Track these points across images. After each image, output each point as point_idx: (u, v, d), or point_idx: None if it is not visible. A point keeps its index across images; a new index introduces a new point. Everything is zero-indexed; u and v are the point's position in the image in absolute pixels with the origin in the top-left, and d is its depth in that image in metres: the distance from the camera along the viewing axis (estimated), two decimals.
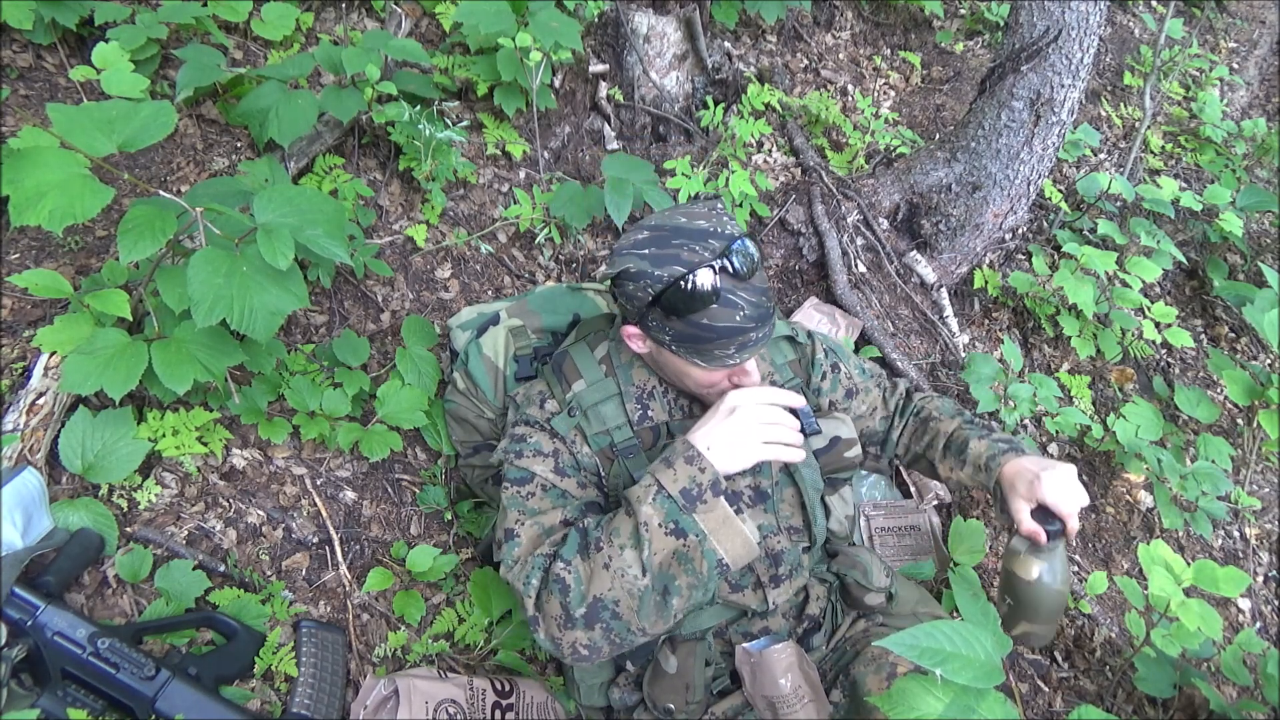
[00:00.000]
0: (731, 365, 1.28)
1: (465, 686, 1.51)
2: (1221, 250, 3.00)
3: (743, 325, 1.23)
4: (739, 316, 1.22)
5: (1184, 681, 1.74)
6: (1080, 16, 2.19)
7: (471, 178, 2.25)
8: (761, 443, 1.22)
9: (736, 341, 1.25)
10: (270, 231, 1.34)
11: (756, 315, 1.24)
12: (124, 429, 1.48)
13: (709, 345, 1.25)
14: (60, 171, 1.26)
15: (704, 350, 1.26)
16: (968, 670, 0.98)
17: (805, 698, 1.35)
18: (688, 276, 1.20)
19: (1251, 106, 3.87)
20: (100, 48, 1.74)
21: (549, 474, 1.35)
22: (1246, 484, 2.46)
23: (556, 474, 1.35)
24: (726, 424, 1.22)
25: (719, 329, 1.23)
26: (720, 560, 1.19)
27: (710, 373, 1.30)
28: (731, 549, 1.20)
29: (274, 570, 1.59)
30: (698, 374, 1.31)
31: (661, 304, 1.24)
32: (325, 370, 1.80)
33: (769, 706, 1.36)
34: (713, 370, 1.29)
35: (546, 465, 1.36)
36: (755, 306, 1.23)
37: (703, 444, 1.22)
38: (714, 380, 1.32)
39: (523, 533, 1.30)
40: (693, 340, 1.25)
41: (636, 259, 1.24)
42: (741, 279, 1.22)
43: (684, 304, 1.21)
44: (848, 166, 2.76)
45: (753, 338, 1.26)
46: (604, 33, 2.62)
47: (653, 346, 1.34)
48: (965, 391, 2.31)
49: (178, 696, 1.27)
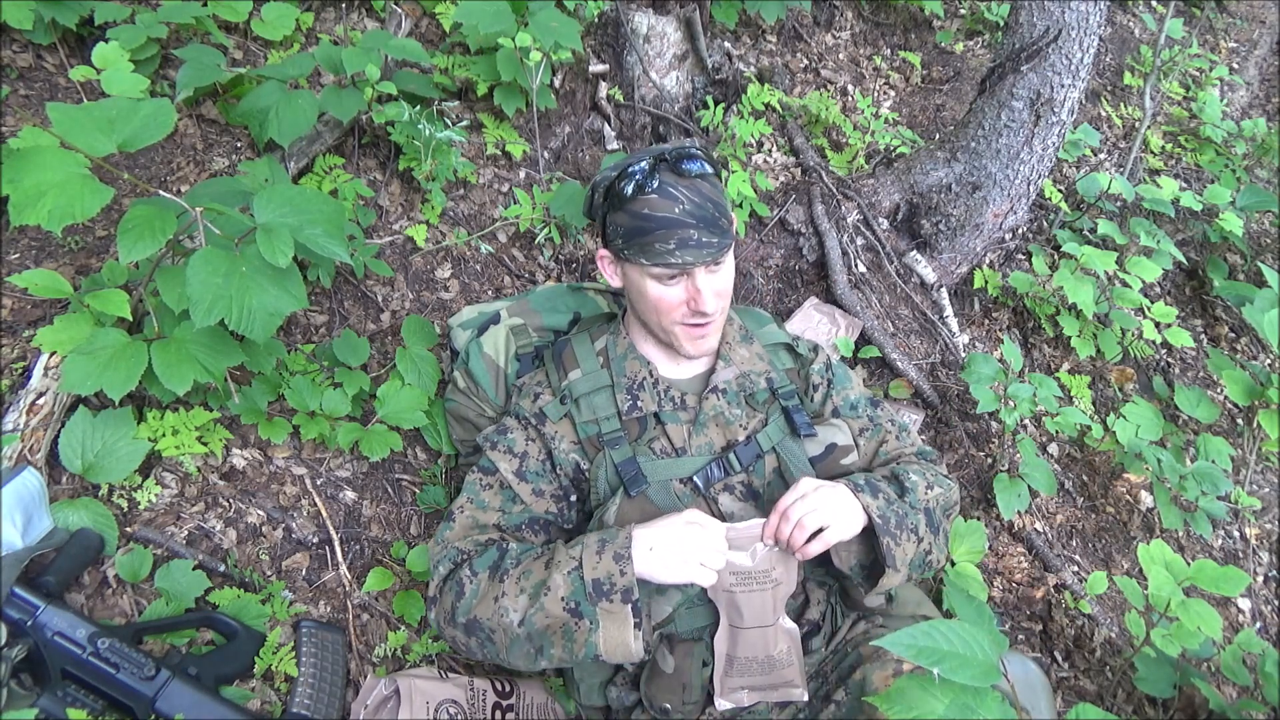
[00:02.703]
0: (675, 265, 1.32)
1: (466, 687, 1.51)
2: (1221, 250, 3.00)
3: (681, 218, 1.29)
4: (678, 209, 1.29)
5: (1184, 681, 1.74)
6: (1080, 16, 2.19)
7: (471, 178, 2.25)
8: (697, 564, 1.25)
9: (676, 235, 1.30)
10: (270, 231, 1.34)
11: (697, 214, 1.29)
12: (124, 429, 1.48)
13: (650, 238, 1.31)
14: (60, 171, 1.27)
15: (647, 246, 1.31)
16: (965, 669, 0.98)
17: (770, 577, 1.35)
18: (627, 169, 1.31)
19: (1251, 106, 3.87)
20: (100, 48, 1.74)
21: (509, 474, 1.43)
22: (1246, 484, 2.46)
23: (516, 476, 1.43)
24: (677, 535, 1.26)
25: (657, 219, 1.30)
26: (598, 655, 1.23)
27: (663, 287, 1.35)
28: (611, 649, 1.22)
29: (274, 570, 1.59)
30: (653, 292, 1.36)
31: (610, 198, 1.35)
32: (325, 370, 1.80)
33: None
34: (664, 282, 1.35)
35: (511, 465, 1.44)
36: (697, 206, 1.29)
37: (645, 543, 1.25)
38: (670, 303, 1.36)
39: (459, 519, 1.42)
40: (637, 234, 1.32)
41: (601, 174, 1.38)
42: (682, 175, 1.30)
43: (623, 192, 1.31)
44: (848, 166, 2.76)
45: (693, 235, 1.30)
46: (604, 33, 2.62)
47: (620, 271, 1.41)
48: (965, 391, 2.31)
49: (178, 696, 1.27)
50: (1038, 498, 2.32)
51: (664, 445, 1.45)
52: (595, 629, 1.22)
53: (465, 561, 1.35)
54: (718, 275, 1.37)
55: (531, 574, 1.28)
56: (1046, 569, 2.18)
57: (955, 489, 1.52)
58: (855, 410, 1.56)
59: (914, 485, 1.41)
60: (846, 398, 1.56)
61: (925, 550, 1.38)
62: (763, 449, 1.45)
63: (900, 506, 1.36)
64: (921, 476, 1.44)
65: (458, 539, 1.39)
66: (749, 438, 1.46)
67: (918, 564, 1.38)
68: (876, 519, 1.31)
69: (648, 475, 1.40)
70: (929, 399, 2.37)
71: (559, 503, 1.45)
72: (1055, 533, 2.30)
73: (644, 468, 1.40)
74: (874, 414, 1.57)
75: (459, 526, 1.41)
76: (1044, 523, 2.30)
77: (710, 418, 1.45)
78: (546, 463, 1.46)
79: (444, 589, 1.35)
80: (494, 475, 1.45)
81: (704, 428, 1.45)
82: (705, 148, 1.37)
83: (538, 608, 1.24)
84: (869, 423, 1.56)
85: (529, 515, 1.43)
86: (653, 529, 1.27)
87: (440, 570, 1.36)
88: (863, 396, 1.59)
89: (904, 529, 1.33)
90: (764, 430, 1.46)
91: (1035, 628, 2.09)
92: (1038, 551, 2.20)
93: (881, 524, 1.31)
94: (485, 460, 1.47)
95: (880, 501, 1.34)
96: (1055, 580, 2.15)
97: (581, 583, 1.23)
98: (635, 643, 1.23)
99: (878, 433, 1.56)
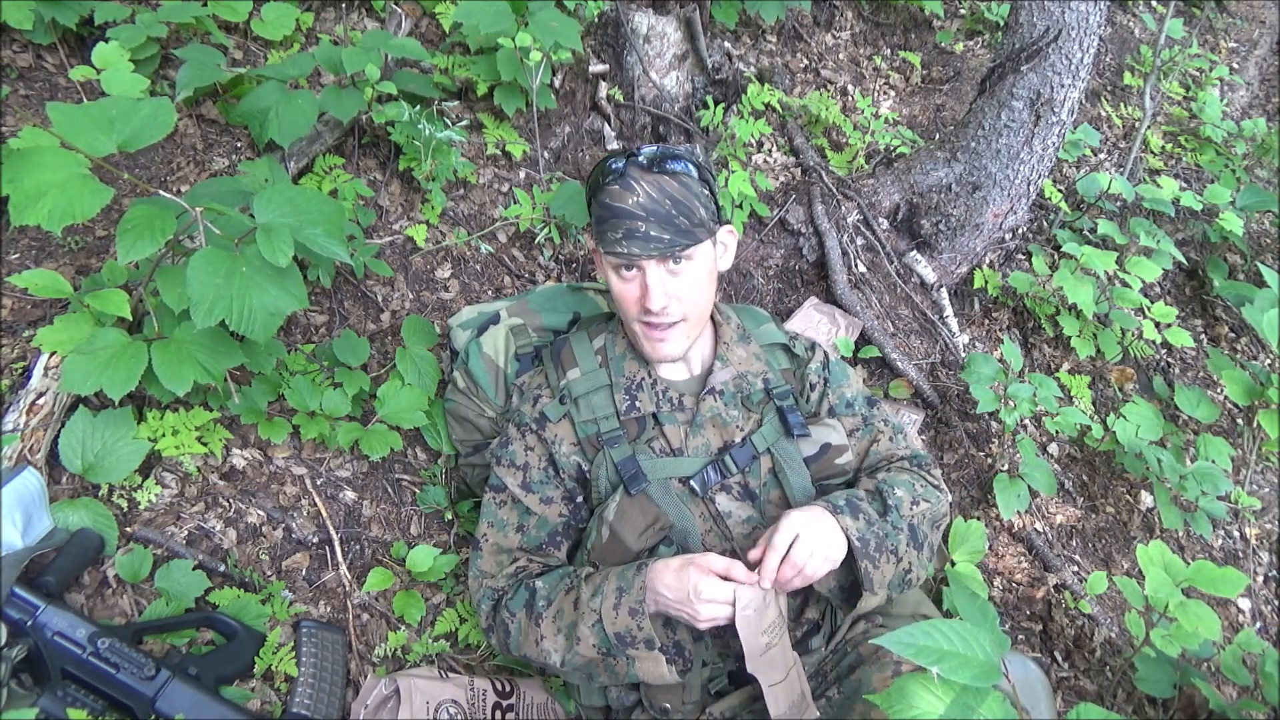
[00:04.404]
0: (621, 255, 1.33)
1: (466, 686, 1.51)
2: (1221, 250, 3.00)
3: (632, 210, 1.30)
4: (630, 200, 1.30)
5: (1184, 681, 1.74)
6: (1080, 16, 2.19)
7: (471, 178, 2.25)
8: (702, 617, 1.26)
9: (624, 225, 1.31)
10: (270, 231, 1.34)
11: (650, 208, 1.30)
12: (124, 429, 1.48)
13: (605, 226, 1.33)
14: (60, 171, 1.26)
15: (603, 234, 1.34)
16: (965, 669, 0.98)
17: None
18: (607, 158, 1.34)
19: (1251, 106, 3.87)
20: (100, 47, 1.74)
21: (516, 489, 1.47)
22: (1246, 484, 2.46)
23: (523, 489, 1.46)
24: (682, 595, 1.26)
25: (613, 208, 1.31)
26: (641, 680, 1.30)
27: (623, 282, 1.37)
28: (649, 677, 1.30)
29: (274, 570, 1.59)
30: (614, 284, 1.39)
31: (589, 187, 1.38)
32: (325, 370, 1.80)
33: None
34: (621, 274, 1.36)
35: (516, 479, 1.47)
36: (654, 201, 1.30)
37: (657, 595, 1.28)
38: (626, 296, 1.38)
39: (485, 548, 1.48)
40: (598, 223, 1.35)
41: None
42: (649, 171, 1.30)
43: (595, 179, 1.35)
44: (848, 166, 2.76)
45: (640, 228, 1.30)
46: (604, 33, 2.62)
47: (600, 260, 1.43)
48: (965, 391, 2.31)
49: (178, 696, 1.27)
50: (1038, 498, 2.32)
51: (662, 445, 1.45)
52: (632, 664, 1.29)
53: (502, 601, 1.43)
54: (677, 278, 1.35)
55: (564, 614, 1.34)
56: (1046, 569, 2.18)
57: (945, 500, 1.50)
58: (850, 408, 1.55)
59: (898, 501, 1.39)
60: (842, 395, 1.56)
61: (905, 570, 1.37)
62: (758, 450, 1.45)
63: (881, 527, 1.35)
64: (908, 490, 1.42)
65: (489, 568, 1.47)
66: (744, 439, 1.46)
67: (896, 584, 1.37)
68: (856, 543, 1.30)
69: (647, 473, 1.40)
70: (929, 399, 2.37)
71: (569, 504, 1.47)
72: (1055, 533, 2.30)
73: (644, 466, 1.40)
74: (869, 413, 1.56)
75: (487, 554, 1.47)
76: (1044, 523, 2.30)
77: (707, 419, 1.45)
78: (549, 469, 1.47)
79: (493, 625, 1.44)
80: (504, 492, 1.48)
81: (701, 429, 1.45)
82: (695, 153, 1.37)
83: (574, 653, 1.31)
84: (862, 422, 1.55)
85: (546, 529, 1.46)
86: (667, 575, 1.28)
87: (484, 607, 1.45)
88: (860, 395, 1.58)
89: (883, 551, 1.33)
90: (759, 431, 1.46)
91: (1035, 628, 2.09)
92: (1038, 551, 2.20)
93: (860, 547, 1.30)
94: (494, 478, 1.50)
95: (860, 523, 1.33)
96: (1055, 580, 2.15)
97: (605, 635, 1.28)
98: (670, 674, 1.29)
99: (869, 432, 1.55)
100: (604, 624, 1.28)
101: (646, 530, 1.36)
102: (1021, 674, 1.71)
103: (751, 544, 1.42)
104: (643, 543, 1.36)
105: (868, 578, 1.31)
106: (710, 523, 1.43)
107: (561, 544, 1.47)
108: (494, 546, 1.47)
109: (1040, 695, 1.68)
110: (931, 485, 1.50)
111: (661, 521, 1.36)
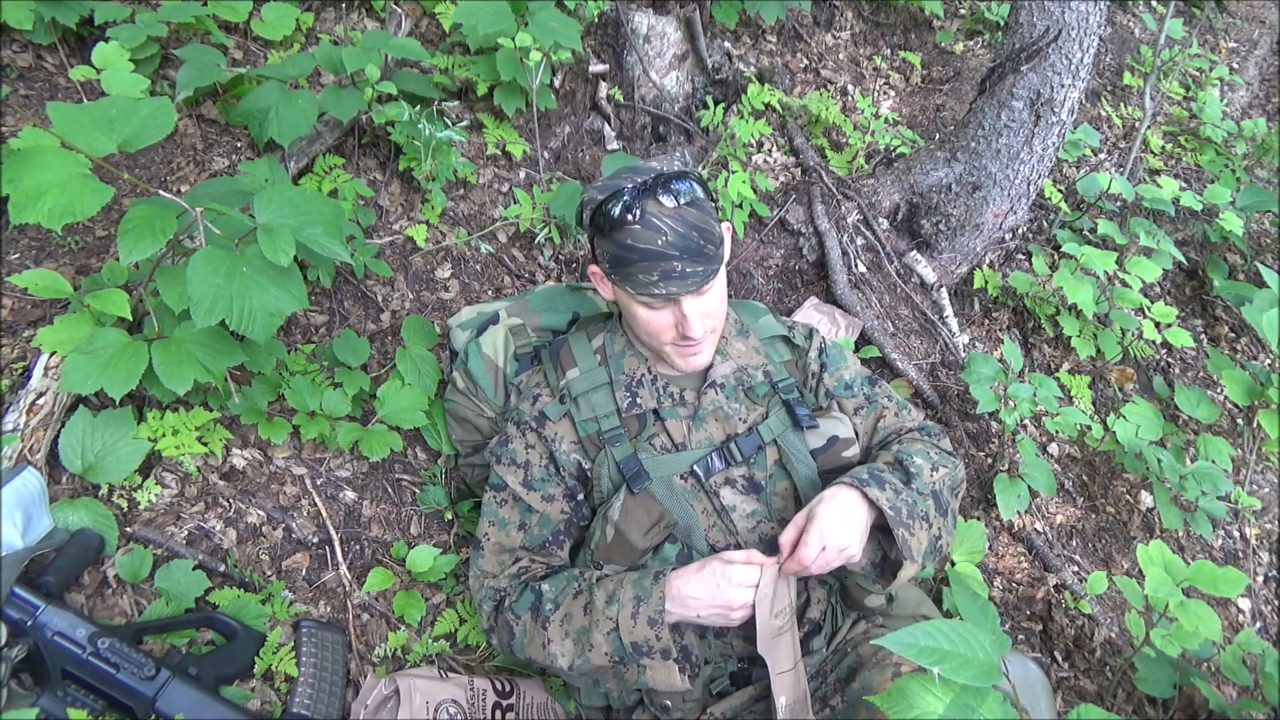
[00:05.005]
0: (659, 296, 1.30)
1: (466, 686, 1.51)
2: (1221, 250, 3.00)
3: (664, 251, 1.26)
4: (660, 241, 1.26)
5: (1184, 681, 1.74)
6: (1080, 16, 2.19)
7: (471, 178, 2.25)
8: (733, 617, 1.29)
9: (659, 268, 1.27)
10: (270, 231, 1.34)
11: (681, 245, 1.27)
12: (124, 429, 1.48)
13: (633, 269, 1.29)
14: (60, 171, 1.27)
15: (631, 275, 1.30)
16: (966, 669, 0.98)
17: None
18: (613, 195, 1.28)
19: (1251, 106, 3.87)
20: (100, 47, 1.74)
21: (518, 486, 1.46)
22: (1246, 484, 2.46)
23: (524, 487, 1.46)
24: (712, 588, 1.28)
25: (640, 250, 1.27)
26: (649, 688, 1.31)
27: (651, 311, 1.34)
28: (659, 685, 1.30)
29: (274, 570, 1.59)
30: (642, 315, 1.35)
31: (595, 224, 1.32)
32: (325, 370, 1.80)
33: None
34: (652, 307, 1.33)
35: (517, 477, 1.47)
36: (680, 236, 1.26)
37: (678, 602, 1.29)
38: (659, 326, 1.35)
39: (487, 547, 1.47)
40: (620, 263, 1.30)
41: (591, 190, 1.35)
42: (666, 203, 1.26)
43: (607, 221, 1.29)
44: (848, 166, 2.76)
45: (676, 267, 1.27)
46: (604, 33, 2.62)
47: (611, 288, 1.40)
48: (965, 391, 2.31)
49: (178, 696, 1.27)
50: (1038, 498, 2.32)
51: (664, 441, 1.45)
52: (643, 672, 1.29)
53: (505, 602, 1.41)
54: (706, 298, 1.34)
55: (572, 618, 1.33)
56: (1046, 569, 2.18)
57: (960, 466, 1.50)
58: (850, 389, 1.55)
59: (919, 469, 1.39)
60: (841, 378, 1.56)
61: (935, 536, 1.37)
62: (764, 440, 1.45)
63: (908, 495, 1.34)
64: (925, 457, 1.42)
65: (491, 568, 1.46)
66: (750, 429, 1.46)
67: (930, 552, 1.36)
68: (889, 511, 1.29)
69: (650, 471, 1.40)
70: (929, 399, 2.37)
71: (570, 501, 1.47)
72: (1055, 533, 2.30)
73: (646, 464, 1.40)
74: (871, 391, 1.56)
75: (489, 554, 1.47)
76: (1044, 523, 2.30)
77: (709, 412, 1.45)
78: (550, 466, 1.47)
79: (495, 625, 1.43)
80: (505, 490, 1.48)
81: (703, 422, 1.45)
82: (687, 160, 1.37)
83: (584, 659, 1.31)
84: (864, 400, 1.55)
85: (549, 527, 1.45)
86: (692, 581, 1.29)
87: (485, 608, 1.44)
88: (859, 375, 1.58)
89: (915, 518, 1.32)
90: (765, 422, 1.46)
91: (1035, 628, 2.09)
92: (1038, 551, 2.20)
93: (894, 515, 1.29)
94: (494, 476, 1.50)
95: (889, 493, 1.32)
96: (1055, 580, 2.15)
97: (621, 644, 1.28)
98: (682, 681, 1.29)
99: (874, 409, 1.55)
100: (620, 633, 1.28)
101: (652, 528, 1.36)
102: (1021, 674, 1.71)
103: (755, 539, 1.42)
104: (648, 541, 1.37)
105: (905, 546, 1.29)
106: (714, 518, 1.43)
107: (564, 542, 1.47)
108: (496, 546, 1.46)
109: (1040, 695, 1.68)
110: (946, 453, 1.50)
111: (666, 519, 1.37)
